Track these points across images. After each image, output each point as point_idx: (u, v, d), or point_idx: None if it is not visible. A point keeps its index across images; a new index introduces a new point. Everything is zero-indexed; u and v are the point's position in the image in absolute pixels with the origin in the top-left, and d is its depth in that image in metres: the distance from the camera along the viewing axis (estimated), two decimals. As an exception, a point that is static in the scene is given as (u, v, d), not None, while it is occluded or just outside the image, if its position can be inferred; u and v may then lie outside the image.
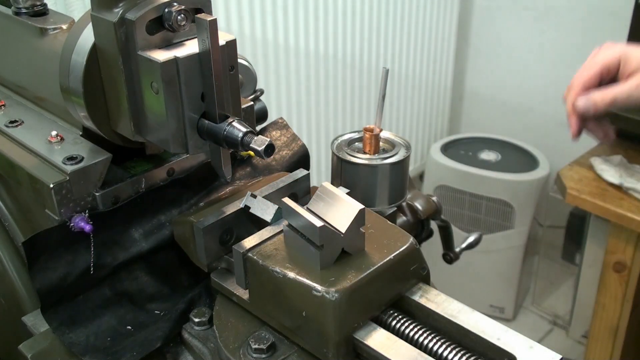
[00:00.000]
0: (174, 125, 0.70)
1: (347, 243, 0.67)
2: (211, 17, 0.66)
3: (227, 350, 0.68)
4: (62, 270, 0.76)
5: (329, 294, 0.63)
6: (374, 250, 0.69)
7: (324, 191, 0.69)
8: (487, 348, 0.65)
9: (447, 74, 2.82)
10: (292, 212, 0.68)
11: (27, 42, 0.90)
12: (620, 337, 1.91)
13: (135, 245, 0.81)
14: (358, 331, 0.66)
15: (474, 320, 0.67)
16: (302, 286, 0.65)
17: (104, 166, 0.77)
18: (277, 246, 0.70)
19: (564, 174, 1.87)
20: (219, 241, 0.78)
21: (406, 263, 0.70)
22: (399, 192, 0.97)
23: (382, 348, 0.64)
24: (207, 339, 0.76)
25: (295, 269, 0.66)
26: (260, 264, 0.68)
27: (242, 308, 0.74)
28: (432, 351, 0.65)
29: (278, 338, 0.70)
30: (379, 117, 0.94)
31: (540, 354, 0.62)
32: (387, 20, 2.39)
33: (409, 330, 0.67)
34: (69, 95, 0.75)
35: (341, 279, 0.65)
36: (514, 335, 0.65)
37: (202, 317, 0.77)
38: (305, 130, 2.25)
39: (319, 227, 0.65)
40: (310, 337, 0.67)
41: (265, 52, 2.02)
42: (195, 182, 0.86)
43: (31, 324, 0.80)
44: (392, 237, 0.71)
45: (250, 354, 0.68)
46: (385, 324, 0.68)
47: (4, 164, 0.83)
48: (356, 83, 2.37)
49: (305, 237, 0.67)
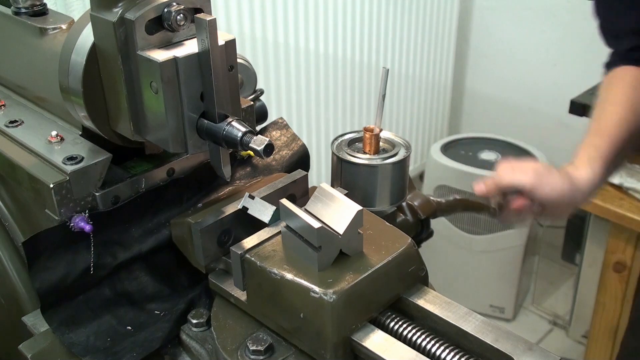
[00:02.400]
0: (173, 125, 0.70)
1: (345, 244, 0.67)
2: (210, 17, 0.66)
3: (224, 352, 0.68)
4: (62, 270, 0.76)
5: (327, 295, 0.63)
6: (372, 252, 0.68)
7: (321, 192, 0.69)
8: (486, 350, 0.64)
9: (447, 74, 2.82)
10: (289, 214, 0.68)
11: (26, 42, 0.90)
12: (620, 337, 1.91)
13: (135, 245, 0.81)
14: (356, 333, 0.66)
15: (472, 322, 0.67)
16: (300, 287, 0.65)
17: (103, 166, 0.77)
18: (275, 247, 0.70)
19: (564, 174, 1.87)
20: (216, 242, 0.77)
21: (404, 264, 0.70)
22: (399, 192, 0.97)
23: (380, 350, 0.64)
24: (205, 340, 0.76)
25: (293, 271, 0.66)
26: (258, 266, 0.68)
27: (240, 309, 0.74)
28: (430, 353, 0.65)
29: (276, 339, 0.70)
30: (379, 117, 0.94)
31: (538, 356, 0.62)
32: (387, 21, 2.39)
33: (407, 332, 0.67)
34: (68, 95, 0.75)
35: (339, 280, 0.65)
36: (513, 337, 0.64)
37: (200, 319, 0.77)
38: (305, 130, 2.25)
39: (317, 228, 0.64)
40: (308, 339, 0.66)
41: (265, 52, 2.01)
42: (195, 182, 0.85)
43: (31, 324, 0.80)
44: (390, 238, 0.71)
45: (248, 356, 0.68)
46: (384, 326, 0.68)
47: (4, 164, 0.83)
48: (356, 83, 2.37)
49: (303, 238, 0.67)
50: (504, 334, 0.65)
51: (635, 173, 1.79)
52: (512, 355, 0.62)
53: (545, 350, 0.62)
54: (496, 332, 0.65)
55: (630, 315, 1.32)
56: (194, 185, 0.86)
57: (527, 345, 0.63)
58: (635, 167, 1.82)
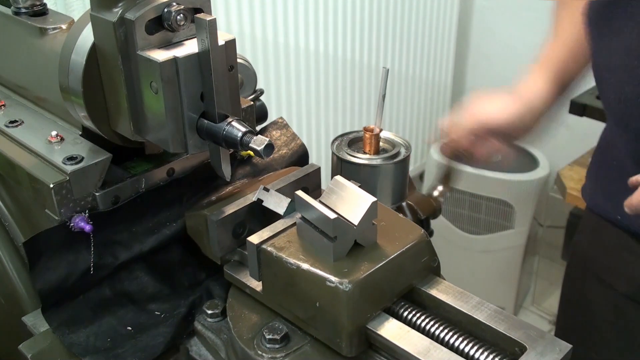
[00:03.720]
0: (173, 125, 0.70)
1: (360, 235, 0.68)
2: (210, 16, 0.66)
3: (241, 341, 0.69)
4: (63, 270, 0.76)
5: (343, 284, 0.64)
6: (385, 243, 0.70)
7: (336, 184, 0.70)
8: (498, 338, 0.65)
9: (447, 74, 2.82)
10: (306, 205, 0.69)
11: (26, 42, 0.90)
12: (620, 337, 1.91)
13: (135, 245, 0.81)
14: (371, 322, 0.67)
15: (484, 311, 0.68)
16: (316, 277, 0.66)
17: (104, 166, 0.77)
18: (290, 238, 0.71)
19: (564, 174, 1.87)
20: (232, 234, 0.78)
21: (417, 255, 0.71)
22: (399, 192, 0.97)
23: (395, 338, 0.65)
24: (220, 330, 0.77)
25: (309, 261, 0.67)
26: (274, 256, 0.69)
27: (255, 300, 0.75)
28: (444, 341, 0.66)
29: (291, 329, 0.71)
30: (379, 117, 0.95)
31: (550, 344, 0.63)
32: (387, 20, 2.39)
33: (421, 321, 0.68)
34: (68, 95, 0.75)
35: (354, 270, 0.66)
36: (525, 326, 0.66)
37: (215, 309, 0.78)
38: (305, 130, 2.25)
39: (333, 219, 0.65)
40: (323, 328, 0.67)
41: (265, 52, 2.02)
42: (195, 182, 0.86)
43: (31, 324, 0.80)
44: (403, 229, 0.72)
45: (264, 345, 0.69)
46: (397, 315, 0.69)
47: (4, 164, 0.83)
48: (356, 83, 2.37)
49: (319, 229, 0.68)
50: (516, 322, 0.66)
51: (635, 173, 1.79)
52: (525, 343, 0.63)
53: (557, 339, 0.63)
54: (509, 321, 0.66)
55: None
56: (194, 185, 0.86)
57: (539, 333, 0.64)
58: (635, 167, 1.82)
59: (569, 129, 2.61)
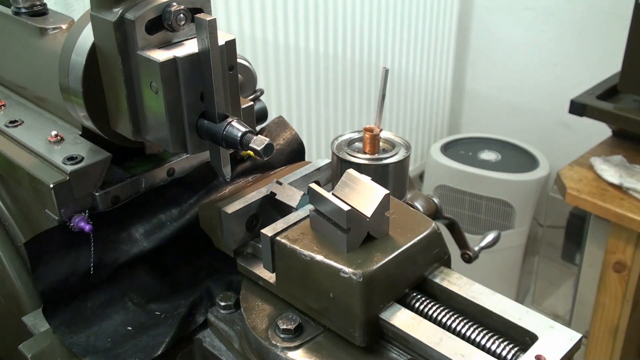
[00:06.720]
0: (173, 125, 0.70)
1: (373, 227, 0.69)
2: (210, 17, 0.66)
3: (255, 332, 0.70)
4: (65, 270, 0.76)
5: (356, 275, 0.65)
6: (397, 234, 0.70)
7: (349, 177, 0.71)
8: (509, 328, 0.66)
9: (447, 74, 2.82)
10: (319, 197, 0.70)
11: (26, 42, 0.90)
12: (620, 337, 1.91)
13: (136, 245, 0.81)
14: (384, 312, 0.68)
15: (495, 302, 0.69)
16: (330, 268, 0.66)
17: (104, 166, 0.77)
18: (303, 231, 0.72)
19: (564, 174, 1.87)
20: (245, 227, 0.79)
21: (429, 247, 0.72)
22: (399, 192, 0.97)
23: (408, 328, 0.66)
24: (234, 322, 0.77)
25: (322, 252, 0.68)
26: (288, 247, 0.70)
27: (268, 291, 0.76)
28: (456, 331, 0.66)
29: (304, 319, 0.72)
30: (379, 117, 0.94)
31: (561, 333, 0.64)
32: (387, 20, 2.39)
33: (432, 312, 0.69)
34: (68, 95, 0.75)
35: (367, 261, 0.66)
36: (535, 316, 0.67)
37: (228, 301, 0.79)
38: (305, 130, 2.26)
39: (346, 211, 0.66)
40: (337, 318, 0.68)
41: (265, 52, 2.02)
42: (195, 181, 0.86)
43: (31, 324, 0.80)
44: (414, 222, 0.73)
45: (279, 335, 0.69)
46: (409, 306, 0.70)
47: (4, 164, 0.83)
48: (356, 83, 2.37)
49: (332, 221, 0.68)
50: (526, 312, 0.67)
51: (635, 173, 1.79)
52: (536, 332, 0.64)
53: (568, 329, 0.64)
54: (519, 311, 0.67)
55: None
56: (194, 185, 0.86)
57: (550, 323, 0.65)
58: (635, 167, 1.82)
59: (569, 129, 2.62)
